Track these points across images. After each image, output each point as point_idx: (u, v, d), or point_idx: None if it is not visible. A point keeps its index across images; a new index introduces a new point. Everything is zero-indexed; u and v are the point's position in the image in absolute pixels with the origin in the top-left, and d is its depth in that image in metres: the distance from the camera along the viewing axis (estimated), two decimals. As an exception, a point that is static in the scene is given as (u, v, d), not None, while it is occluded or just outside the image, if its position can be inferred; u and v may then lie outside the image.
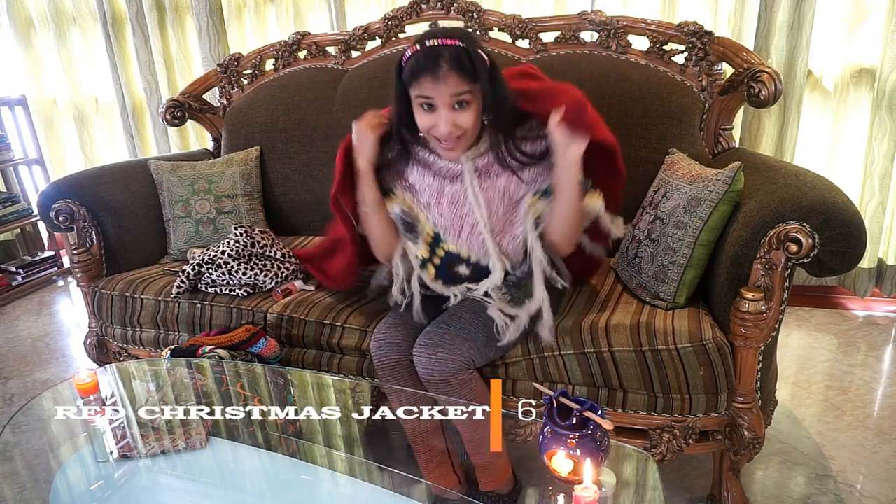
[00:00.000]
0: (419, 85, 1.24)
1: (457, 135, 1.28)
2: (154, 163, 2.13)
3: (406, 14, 2.10)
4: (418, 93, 1.25)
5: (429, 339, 1.32)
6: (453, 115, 1.25)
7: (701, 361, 1.27)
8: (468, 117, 1.26)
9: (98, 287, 1.89)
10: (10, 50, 3.34)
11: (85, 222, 1.92)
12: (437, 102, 1.24)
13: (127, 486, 1.27)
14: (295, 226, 2.25)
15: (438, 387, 1.30)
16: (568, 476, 0.98)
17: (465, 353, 1.31)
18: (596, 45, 1.87)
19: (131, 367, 1.63)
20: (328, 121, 2.13)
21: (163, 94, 3.10)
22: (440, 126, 1.26)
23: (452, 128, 1.26)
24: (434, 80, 1.22)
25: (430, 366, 1.29)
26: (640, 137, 1.73)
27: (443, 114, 1.25)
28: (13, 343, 2.70)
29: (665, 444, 1.35)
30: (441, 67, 1.21)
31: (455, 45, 1.22)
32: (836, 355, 2.16)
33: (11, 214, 3.33)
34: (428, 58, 1.22)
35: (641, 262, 1.49)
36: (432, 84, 1.22)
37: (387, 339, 1.39)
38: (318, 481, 1.30)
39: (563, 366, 1.37)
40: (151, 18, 2.96)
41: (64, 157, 3.54)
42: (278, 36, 2.83)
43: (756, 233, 1.24)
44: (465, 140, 1.30)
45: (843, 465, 1.62)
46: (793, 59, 2.23)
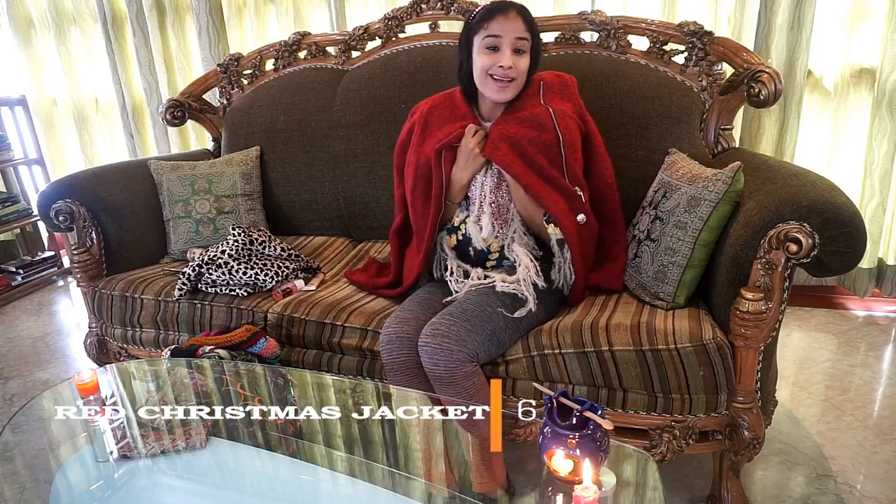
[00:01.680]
0: (489, 26, 1.42)
1: (512, 75, 1.43)
2: (154, 163, 2.13)
3: (406, 14, 2.10)
4: (487, 33, 1.42)
5: (434, 330, 1.33)
6: (514, 57, 1.42)
7: (701, 361, 1.27)
8: (524, 62, 1.45)
9: (98, 287, 1.89)
10: (10, 50, 3.34)
11: (85, 222, 1.92)
12: (503, 42, 1.42)
13: (127, 486, 1.27)
14: (295, 226, 2.25)
15: (442, 379, 1.31)
16: (568, 476, 0.98)
17: (470, 346, 1.32)
18: (596, 45, 1.87)
19: (131, 367, 1.63)
20: (328, 121, 2.13)
21: (163, 94, 3.10)
22: (503, 59, 1.42)
23: (512, 66, 1.42)
24: (504, 20, 1.41)
25: (434, 356, 1.30)
26: (640, 137, 1.73)
27: (507, 52, 1.42)
28: (13, 343, 2.70)
29: (665, 444, 1.35)
30: (511, 11, 1.42)
31: (520, 4, 1.45)
32: (836, 355, 2.16)
33: (11, 214, 3.33)
34: (500, 5, 1.44)
35: (641, 262, 1.49)
36: (502, 23, 1.41)
37: (397, 334, 1.40)
38: (318, 481, 1.30)
39: (564, 365, 1.37)
40: (151, 18, 2.96)
41: (64, 157, 3.54)
42: (278, 36, 2.83)
43: (756, 233, 1.24)
44: (515, 85, 1.45)
45: (843, 465, 1.62)
46: (793, 59, 2.23)
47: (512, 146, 1.45)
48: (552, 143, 1.45)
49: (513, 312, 1.40)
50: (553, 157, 1.46)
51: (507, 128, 1.48)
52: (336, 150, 2.13)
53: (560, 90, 1.55)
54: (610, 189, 1.56)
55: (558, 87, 1.55)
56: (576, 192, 1.47)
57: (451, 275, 1.56)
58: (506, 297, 1.44)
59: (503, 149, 1.45)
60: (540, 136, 1.45)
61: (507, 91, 1.46)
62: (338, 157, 2.12)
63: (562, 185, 1.45)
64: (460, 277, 1.56)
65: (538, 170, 1.45)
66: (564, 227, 1.44)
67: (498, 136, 1.47)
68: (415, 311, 1.47)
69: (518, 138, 1.46)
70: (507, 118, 1.50)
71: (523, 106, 1.50)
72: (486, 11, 1.44)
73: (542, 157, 1.45)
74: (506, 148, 1.45)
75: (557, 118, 1.47)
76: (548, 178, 1.45)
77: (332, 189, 2.16)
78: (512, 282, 1.47)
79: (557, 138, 1.45)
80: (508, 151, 1.45)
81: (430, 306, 1.50)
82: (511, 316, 1.40)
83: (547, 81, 1.55)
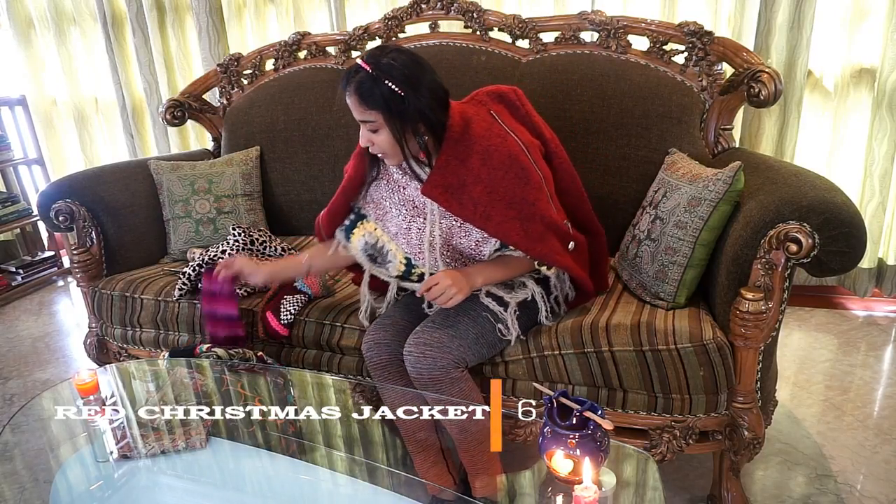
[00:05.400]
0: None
1: (375, 152, 1.32)
2: (154, 163, 2.13)
3: (406, 14, 2.10)
4: None
5: (418, 338, 1.32)
6: (369, 134, 1.30)
7: (701, 361, 1.27)
8: (381, 138, 1.28)
9: (98, 287, 1.89)
10: (10, 50, 3.34)
11: (85, 222, 1.92)
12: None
13: (127, 486, 1.27)
14: (295, 226, 2.24)
15: (427, 385, 1.30)
16: (568, 476, 0.98)
17: (455, 352, 1.30)
18: (596, 45, 1.87)
19: (131, 367, 1.63)
20: (328, 121, 2.13)
21: (163, 94, 3.10)
22: (360, 137, 1.31)
23: (368, 144, 1.31)
24: (348, 98, 1.27)
25: (418, 364, 1.29)
26: (640, 137, 1.72)
27: (362, 129, 1.30)
28: (13, 343, 2.69)
29: (665, 444, 1.35)
30: (349, 88, 1.26)
31: (362, 75, 1.23)
32: (836, 355, 2.16)
33: (11, 214, 3.33)
34: (344, 77, 1.27)
35: (641, 261, 1.49)
36: (349, 102, 1.27)
37: (376, 340, 1.41)
38: (318, 481, 1.30)
39: (563, 365, 1.37)
40: (151, 18, 2.96)
41: (64, 157, 3.54)
42: (278, 36, 2.83)
43: (756, 233, 1.24)
44: (390, 157, 1.32)
45: (843, 465, 1.62)
46: (793, 59, 2.23)
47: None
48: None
49: (496, 323, 1.37)
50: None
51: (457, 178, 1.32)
52: (336, 150, 2.13)
53: (511, 113, 1.41)
54: (580, 199, 1.48)
55: (506, 110, 1.41)
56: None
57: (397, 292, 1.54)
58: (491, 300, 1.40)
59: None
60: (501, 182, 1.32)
61: (388, 161, 1.35)
62: (338, 157, 2.12)
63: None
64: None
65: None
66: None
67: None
68: (394, 316, 1.47)
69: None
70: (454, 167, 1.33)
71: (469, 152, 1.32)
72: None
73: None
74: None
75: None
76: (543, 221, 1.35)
77: (332, 189, 2.13)
78: (500, 296, 1.39)
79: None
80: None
81: (410, 311, 1.49)
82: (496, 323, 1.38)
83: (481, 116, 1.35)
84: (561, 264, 1.36)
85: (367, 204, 1.48)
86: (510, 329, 1.37)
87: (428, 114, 1.26)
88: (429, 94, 1.26)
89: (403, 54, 1.27)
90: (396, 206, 1.43)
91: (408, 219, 1.41)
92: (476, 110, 1.36)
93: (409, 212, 1.41)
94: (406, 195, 1.41)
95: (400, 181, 1.41)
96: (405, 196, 1.41)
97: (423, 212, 1.39)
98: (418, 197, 1.38)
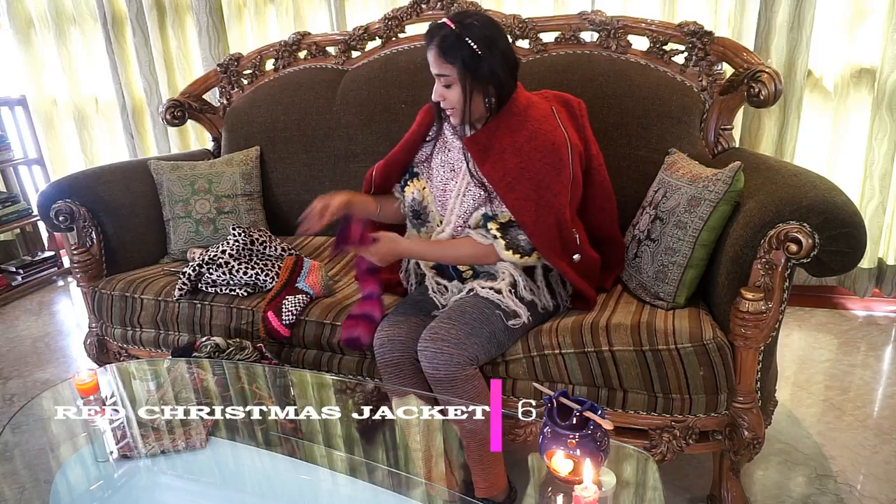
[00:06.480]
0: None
1: (445, 107, 1.39)
2: (154, 163, 2.13)
3: (406, 14, 2.10)
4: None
5: (434, 334, 1.32)
6: (442, 89, 1.38)
7: (701, 361, 1.27)
8: (453, 94, 1.36)
9: (98, 287, 1.89)
10: (10, 50, 3.34)
11: (85, 222, 1.92)
12: (434, 72, 1.36)
13: (127, 486, 1.27)
14: (295, 226, 2.23)
15: (443, 382, 1.30)
16: (568, 476, 0.98)
17: (470, 349, 1.31)
18: (596, 45, 1.87)
19: (131, 367, 1.63)
20: (328, 121, 2.13)
21: (163, 94, 3.10)
22: (434, 91, 1.38)
23: (441, 98, 1.38)
24: (428, 52, 1.35)
25: (434, 359, 1.30)
26: (640, 137, 1.73)
27: (436, 83, 1.38)
28: (13, 343, 2.69)
29: (665, 444, 1.35)
30: (430, 44, 1.34)
31: (445, 32, 1.32)
32: (836, 355, 2.16)
33: (11, 214, 3.33)
34: (427, 33, 1.36)
35: (641, 262, 1.49)
36: (429, 55, 1.35)
37: (389, 336, 1.40)
38: (318, 481, 1.30)
39: (564, 365, 1.37)
40: (151, 18, 2.96)
41: (64, 157, 3.54)
42: (278, 36, 2.83)
43: (756, 233, 1.24)
44: (456, 114, 1.39)
45: (843, 465, 1.62)
46: (793, 59, 2.23)
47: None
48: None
49: (508, 319, 1.39)
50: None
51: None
52: (336, 150, 2.13)
53: (569, 117, 1.49)
54: (612, 219, 1.57)
55: (566, 113, 1.49)
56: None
57: (431, 291, 1.54)
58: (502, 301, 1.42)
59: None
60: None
61: (453, 118, 1.42)
62: (338, 157, 2.12)
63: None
64: (442, 291, 1.54)
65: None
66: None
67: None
68: (407, 313, 1.47)
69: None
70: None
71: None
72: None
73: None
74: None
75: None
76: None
77: (332, 189, 2.13)
78: (490, 287, 1.42)
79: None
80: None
81: (422, 309, 1.49)
82: (507, 321, 1.39)
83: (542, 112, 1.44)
84: (554, 263, 1.40)
85: (421, 163, 1.55)
86: (517, 311, 1.39)
87: (499, 75, 1.34)
88: (501, 58, 1.34)
89: (485, 18, 1.37)
90: (440, 166, 1.50)
91: (444, 180, 1.49)
92: (540, 100, 1.46)
93: (447, 173, 1.49)
94: (450, 156, 1.49)
95: (449, 142, 1.49)
96: (448, 157, 1.49)
97: (460, 174, 1.46)
98: (459, 159, 1.46)
